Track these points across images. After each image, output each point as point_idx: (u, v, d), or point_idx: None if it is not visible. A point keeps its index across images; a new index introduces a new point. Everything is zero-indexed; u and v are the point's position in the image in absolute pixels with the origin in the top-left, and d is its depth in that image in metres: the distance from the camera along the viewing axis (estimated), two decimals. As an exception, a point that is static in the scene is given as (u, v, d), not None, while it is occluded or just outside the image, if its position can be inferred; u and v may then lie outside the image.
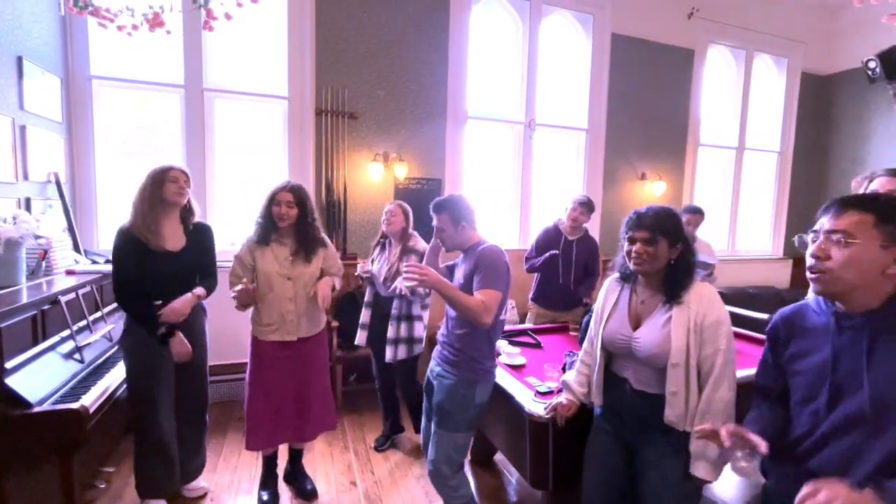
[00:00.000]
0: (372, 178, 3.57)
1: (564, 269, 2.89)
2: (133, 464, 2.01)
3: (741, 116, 4.97)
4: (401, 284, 2.32)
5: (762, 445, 1.04)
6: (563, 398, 1.62)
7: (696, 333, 1.33)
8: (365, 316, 2.70)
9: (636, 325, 1.44)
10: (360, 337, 2.70)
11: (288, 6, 3.33)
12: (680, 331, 1.33)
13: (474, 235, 1.78)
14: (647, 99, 4.44)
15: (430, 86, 3.72)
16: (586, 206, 2.89)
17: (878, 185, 1.71)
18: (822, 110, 5.17)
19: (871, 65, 4.53)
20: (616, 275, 1.53)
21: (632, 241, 1.40)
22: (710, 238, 4.94)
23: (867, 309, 1.01)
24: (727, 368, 1.31)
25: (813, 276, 1.03)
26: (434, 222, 1.78)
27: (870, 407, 0.97)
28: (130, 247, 1.87)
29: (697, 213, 3.17)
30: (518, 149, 4.16)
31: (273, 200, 2.03)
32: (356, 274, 2.71)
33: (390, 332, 2.50)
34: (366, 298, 2.72)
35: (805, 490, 0.87)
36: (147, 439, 1.96)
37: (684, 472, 1.36)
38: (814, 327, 1.12)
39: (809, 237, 1.07)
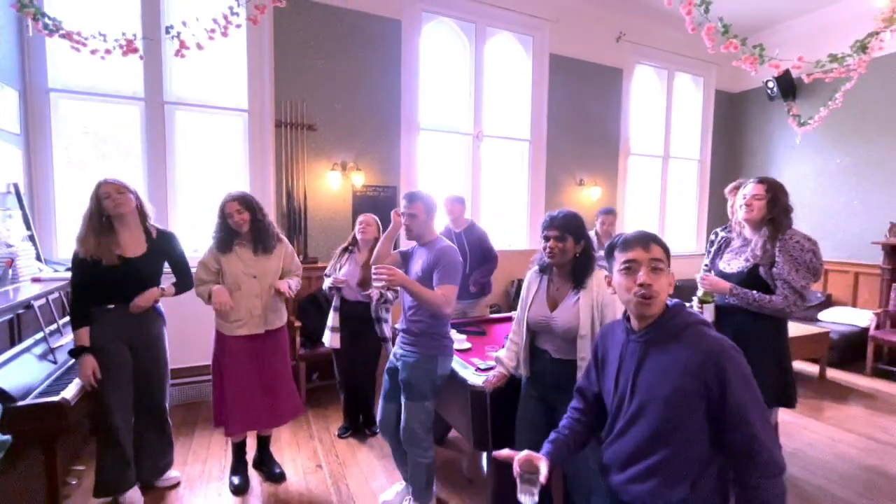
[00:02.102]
0: (331, 186, 3.79)
1: (468, 260, 3.18)
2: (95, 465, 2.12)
3: (665, 128, 5.57)
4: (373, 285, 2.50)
5: (543, 476, 1.18)
6: (495, 371, 1.93)
7: (597, 310, 1.68)
8: (335, 319, 2.84)
9: (553, 307, 1.77)
10: (333, 339, 2.82)
11: (247, 22, 3.50)
12: (586, 309, 1.68)
13: (434, 230, 2.11)
14: (582, 112, 4.93)
15: (384, 99, 3.99)
16: (451, 199, 3.31)
17: (748, 190, 2.12)
18: (733, 123, 5.88)
19: (770, 85, 5.25)
20: (536, 268, 1.86)
21: (546, 238, 1.73)
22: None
23: (646, 325, 1.18)
24: None
25: (647, 301, 1.13)
26: (406, 209, 2.04)
27: (637, 407, 1.15)
28: (80, 258, 1.98)
29: (611, 214, 3.60)
30: (468, 158, 4.51)
31: (224, 213, 2.21)
32: (328, 287, 2.80)
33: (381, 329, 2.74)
34: (334, 303, 2.86)
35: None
36: (103, 438, 2.09)
37: None
38: (616, 340, 1.28)
39: (617, 268, 1.20)
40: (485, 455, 2.45)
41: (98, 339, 2.03)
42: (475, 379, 1.97)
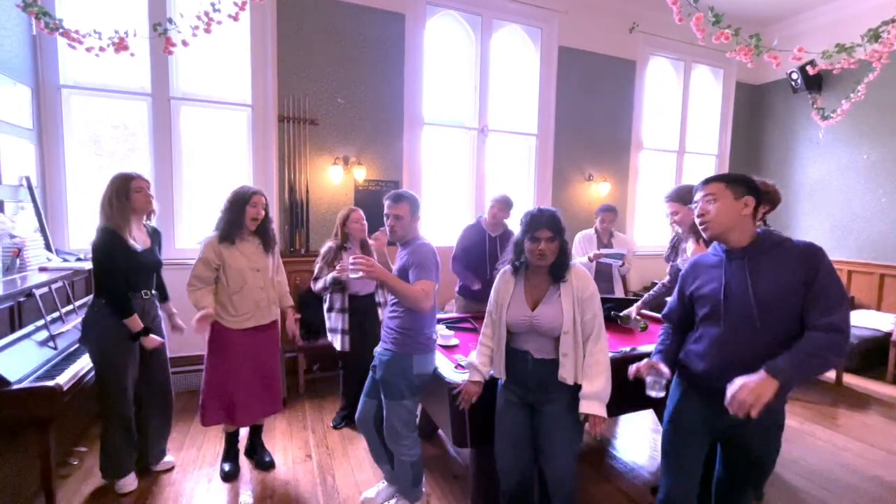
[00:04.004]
0: (332, 180, 3.82)
1: (491, 265, 3.08)
2: (101, 445, 2.22)
3: (681, 122, 5.39)
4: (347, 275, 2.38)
5: (666, 371, 1.52)
6: (468, 380, 1.84)
7: (578, 304, 1.67)
8: (344, 322, 2.81)
9: (534, 305, 1.74)
10: (344, 342, 2.79)
11: (250, 18, 3.56)
12: (568, 304, 1.66)
13: (418, 230, 2.07)
14: (592, 106, 4.81)
15: (387, 94, 3.99)
16: (503, 203, 3.05)
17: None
18: (753, 117, 5.64)
19: (794, 76, 5.01)
20: (508, 268, 1.83)
21: (536, 239, 1.68)
22: (653, 234, 5.37)
23: (742, 245, 1.45)
24: (601, 326, 1.70)
25: (702, 226, 1.47)
26: (390, 210, 1.99)
27: (756, 309, 1.40)
28: (115, 243, 2.05)
29: (611, 212, 3.49)
30: (472, 152, 4.48)
31: (249, 202, 2.24)
32: (339, 276, 2.63)
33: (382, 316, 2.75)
34: (338, 305, 2.82)
35: (729, 396, 1.29)
36: (118, 425, 2.18)
37: (575, 417, 1.68)
38: (711, 265, 1.55)
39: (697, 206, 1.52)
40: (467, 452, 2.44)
41: (118, 330, 2.10)
42: (454, 376, 1.96)
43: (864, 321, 4.32)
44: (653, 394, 1.50)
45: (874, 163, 4.59)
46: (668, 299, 1.74)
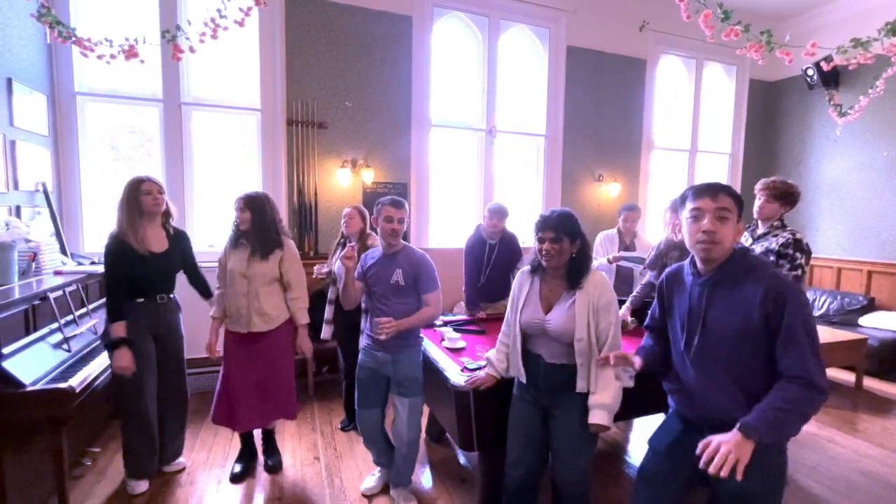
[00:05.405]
0: (341, 183, 3.84)
1: (487, 271, 3.13)
2: (122, 446, 2.26)
3: (693, 121, 5.31)
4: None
5: (637, 363, 1.46)
6: (482, 372, 1.91)
7: (593, 312, 1.64)
8: (329, 312, 2.90)
9: (547, 309, 1.73)
10: (326, 331, 2.91)
11: (259, 22, 3.59)
12: (582, 311, 1.64)
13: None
14: (602, 105, 4.76)
15: (395, 96, 4.00)
16: (492, 212, 3.11)
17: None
18: (768, 114, 5.53)
19: (810, 73, 4.91)
20: (527, 268, 1.82)
21: (541, 240, 1.69)
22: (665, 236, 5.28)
23: (712, 269, 1.29)
24: (616, 336, 1.66)
25: (707, 246, 1.23)
26: (396, 214, 2.06)
27: (705, 337, 1.29)
28: (120, 250, 2.12)
29: (635, 211, 3.44)
30: (480, 153, 4.46)
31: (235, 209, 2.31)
32: (313, 276, 2.86)
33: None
34: (329, 296, 2.92)
35: (702, 445, 1.14)
36: (135, 424, 2.22)
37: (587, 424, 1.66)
38: (683, 284, 1.40)
39: (686, 215, 1.29)
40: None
41: (130, 332, 2.15)
42: (458, 378, 1.95)
43: (886, 323, 4.20)
44: (618, 383, 1.50)
45: (894, 160, 4.47)
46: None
